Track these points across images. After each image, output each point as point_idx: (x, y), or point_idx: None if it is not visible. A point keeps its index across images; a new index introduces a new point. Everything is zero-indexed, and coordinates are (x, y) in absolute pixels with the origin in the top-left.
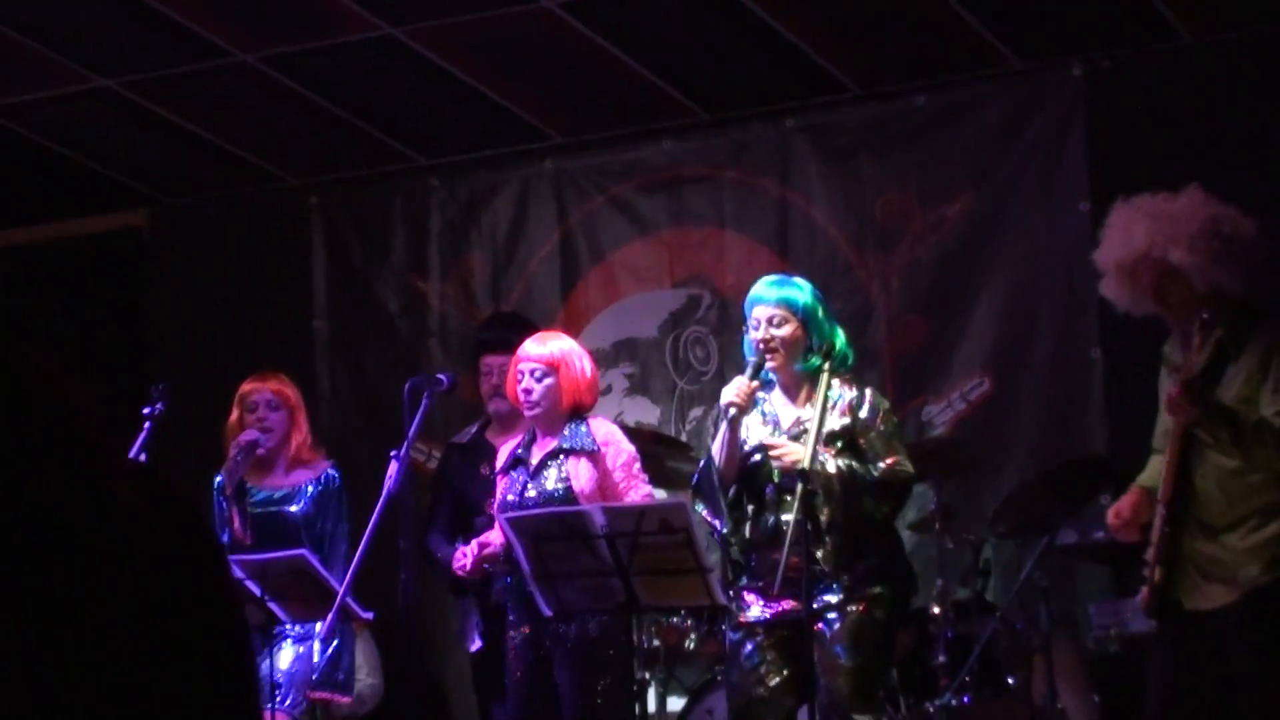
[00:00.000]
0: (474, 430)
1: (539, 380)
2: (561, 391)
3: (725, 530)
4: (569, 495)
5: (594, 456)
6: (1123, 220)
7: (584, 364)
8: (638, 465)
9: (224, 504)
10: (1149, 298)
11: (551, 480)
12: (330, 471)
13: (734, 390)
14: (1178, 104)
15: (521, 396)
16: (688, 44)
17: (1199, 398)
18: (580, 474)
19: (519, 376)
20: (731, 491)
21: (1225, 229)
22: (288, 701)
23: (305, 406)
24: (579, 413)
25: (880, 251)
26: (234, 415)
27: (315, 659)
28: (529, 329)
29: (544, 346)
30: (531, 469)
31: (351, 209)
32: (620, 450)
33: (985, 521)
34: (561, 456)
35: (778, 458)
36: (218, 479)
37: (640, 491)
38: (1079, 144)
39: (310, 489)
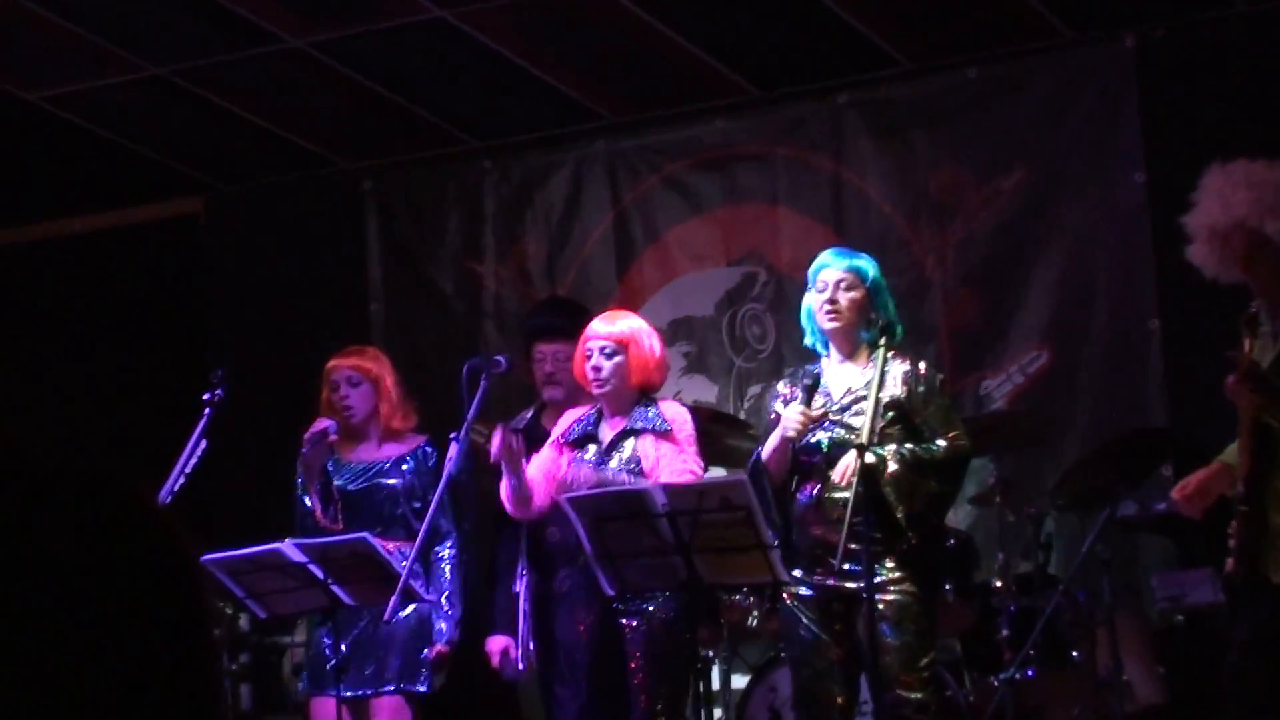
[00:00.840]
0: (529, 415)
1: (608, 358)
2: (630, 370)
3: (775, 543)
4: (639, 476)
5: (666, 436)
6: (1220, 185)
7: (653, 342)
8: (695, 449)
9: (304, 498)
10: (1237, 266)
11: (621, 460)
12: (425, 448)
13: (795, 420)
14: (1231, 73)
15: (590, 374)
16: (739, 21)
17: (1260, 383)
18: (649, 454)
19: (587, 354)
20: None
21: None
22: (389, 685)
23: (397, 374)
24: (647, 392)
25: (935, 226)
26: (323, 393)
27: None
28: (581, 313)
29: (613, 325)
30: (604, 447)
31: (405, 193)
32: (685, 427)
33: (1046, 495)
34: (633, 438)
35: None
36: (298, 474)
37: (692, 456)
38: (1132, 115)
39: (410, 460)
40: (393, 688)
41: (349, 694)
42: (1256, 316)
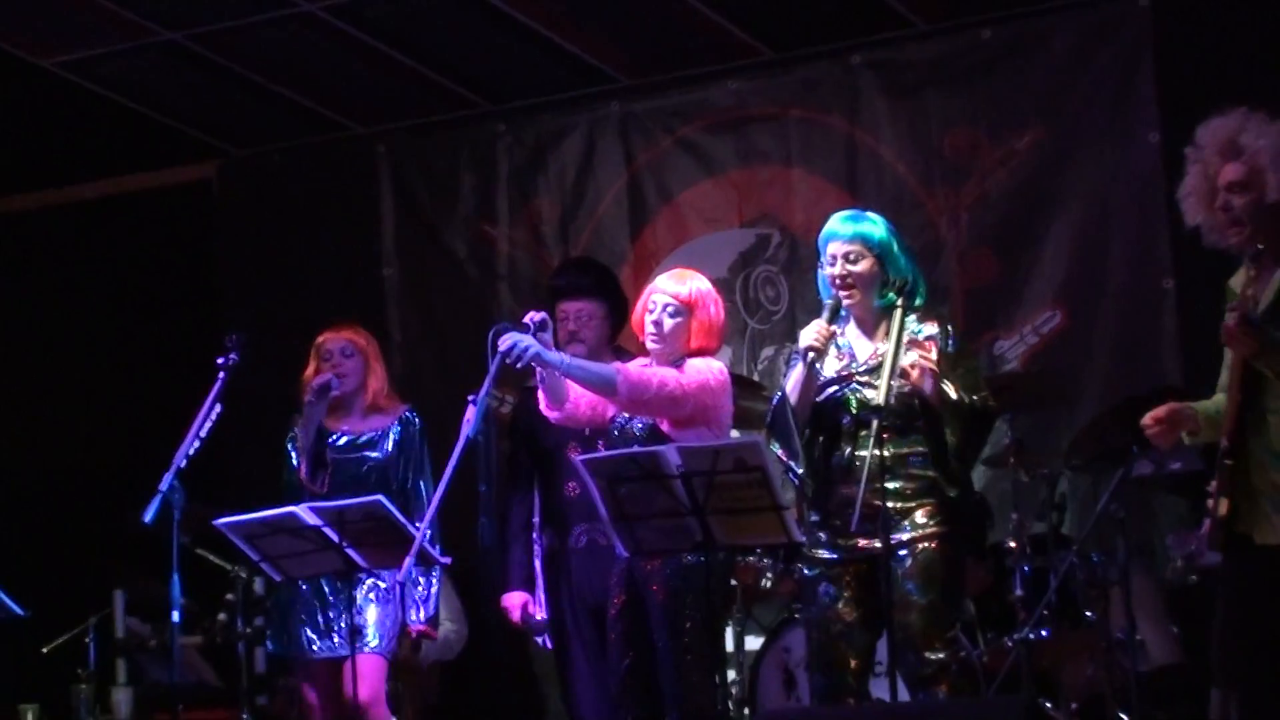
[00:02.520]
0: None
1: (671, 316)
2: (690, 333)
3: (801, 469)
4: (653, 431)
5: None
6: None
7: (717, 309)
8: (707, 385)
9: (295, 455)
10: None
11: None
12: (408, 414)
13: (812, 333)
14: (1246, 31)
15: (649, 328)
16: None
17: (1257, 329)
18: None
19: (649, 307)
20: (806, 432)
21: None
22: (380, 642)
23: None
24: (699, 355)
25: (949, 187)
26: (310, 367)
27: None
28: (603, 273)
29: (682, 285)
30: None
31: (419, 156)
32: (696, 370)
33: (1060, 455)
34: None
35: (911, 368)
36: (290, 434)
37: (686, 376)
38: (1147, 74)
39: (393, 433)
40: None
41: (327, 655)
42: (1263, 253)
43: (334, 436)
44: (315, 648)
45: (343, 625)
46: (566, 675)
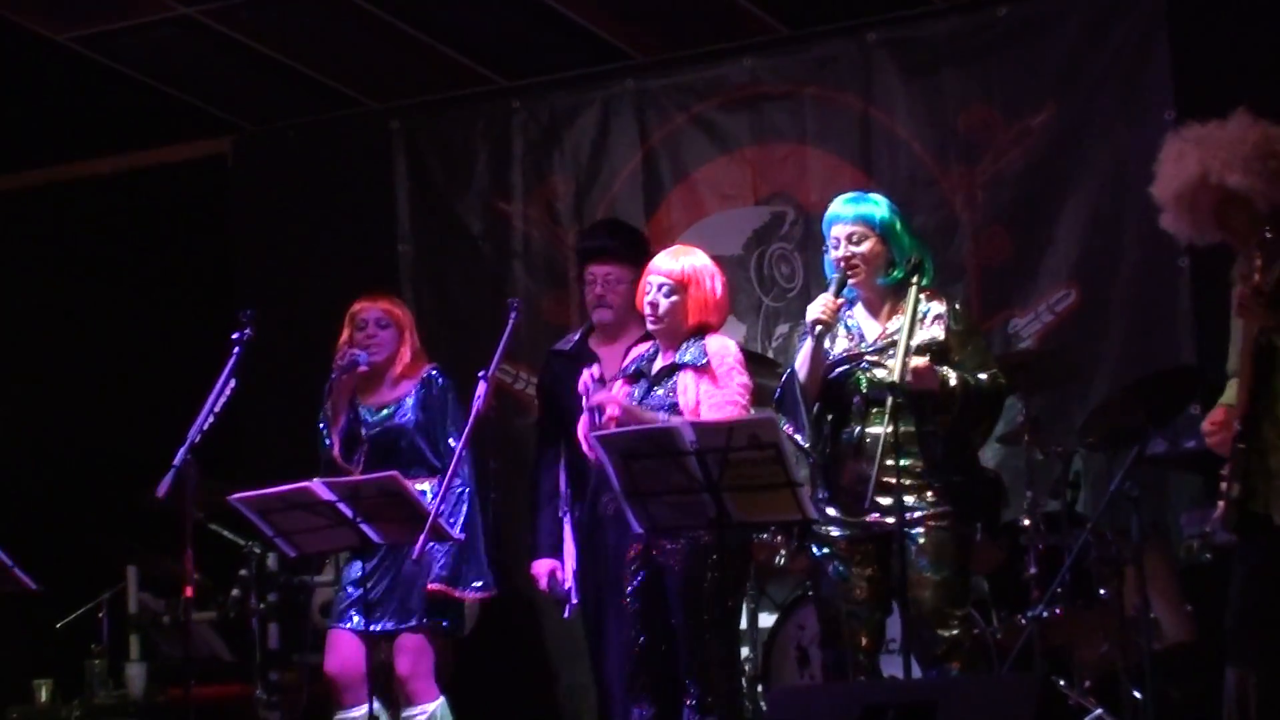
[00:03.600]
0: (576, 338)
1: (666, 296)
2: (687, 310)
3: (807, 444)
4: (674, 411)
5: (703, 370)
6: (1174, 152)
7: (714, 283)
8: (738, 381)
9: (325, 435)
10: (1211, 225)
11: (663, 393)
12: (431, 373)
13: (819, 307)
14: (1262, 9)
15: (647, 310)
16: None
17: (1269, 300)
18: (689, 388)
19: (646, 288)
20: (814, 407)
21: (1279, 147)
22: (420, 617)
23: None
24: (703, 331)
25: (964, 164)
26: (344, 334)
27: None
28: (634, 235)
29: (675, 262)
30: (649, 381)
31: (433, 132)
32: (724, 360)
33: (1074, 433)
34: (676, 372)
35: (916, 369)
36: (322, 411)
37: (734, 384)
38: (1163, 51)
39: (415, 393)
40: (415, 623)
41: (374, 628)
42: (1273, 241)
43: (365, 412)
44: (357, 621)
45: (385, 600)
46: (600, 643)
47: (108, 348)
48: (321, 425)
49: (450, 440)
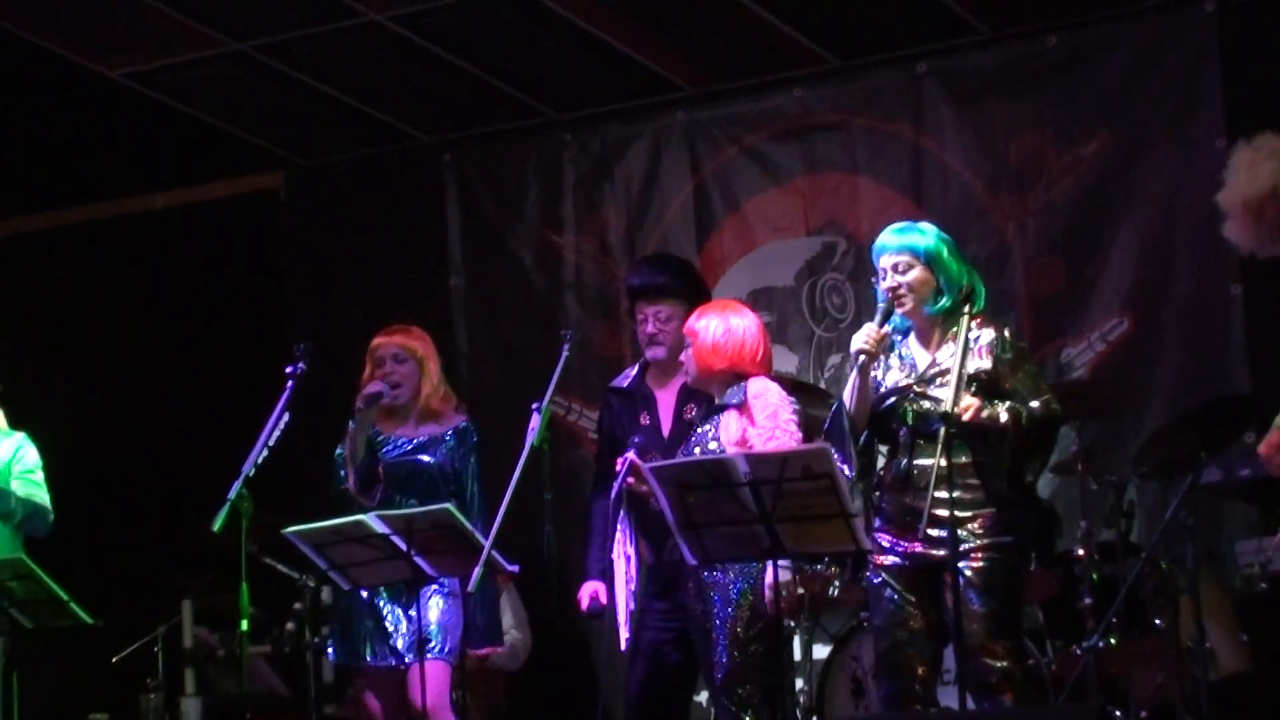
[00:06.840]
0: (634, 374)
1: (685, 349)
2: (696, 363)
3: (853, 476)
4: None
5: (742, 409)
6: (1246, 161)
7: (717, 337)
8: (787, 416)
9: (343, 468)
10: (1274, 236)
11: (702, 431)
12: (464, 424)
13: (863, 337)
14: None
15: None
16: None
17: None
18: (729, 428)
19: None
20: (863, 438)
21: None
22: (446, 649)
23: (440, 359)
24: (742, 377)
25: (1015, 194)
26: (366, 371)
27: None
28: (680, 268)
29: (692, 319)
30: (696, 422)
31: (485, 165)
32: (768, 403)
33: (1128, 462)
34: (718, 413)
35: (963, 411)
36: (338, 451)
37: (782, 418)
38: (1214, 80)
39: (447, 441)
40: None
41: (388, 663)
42: None
43: (387, 445)
44: (376, 656)
45: (405, 632)
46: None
47: (162, 381)
48: (338, 457)
49: (475, 493)
